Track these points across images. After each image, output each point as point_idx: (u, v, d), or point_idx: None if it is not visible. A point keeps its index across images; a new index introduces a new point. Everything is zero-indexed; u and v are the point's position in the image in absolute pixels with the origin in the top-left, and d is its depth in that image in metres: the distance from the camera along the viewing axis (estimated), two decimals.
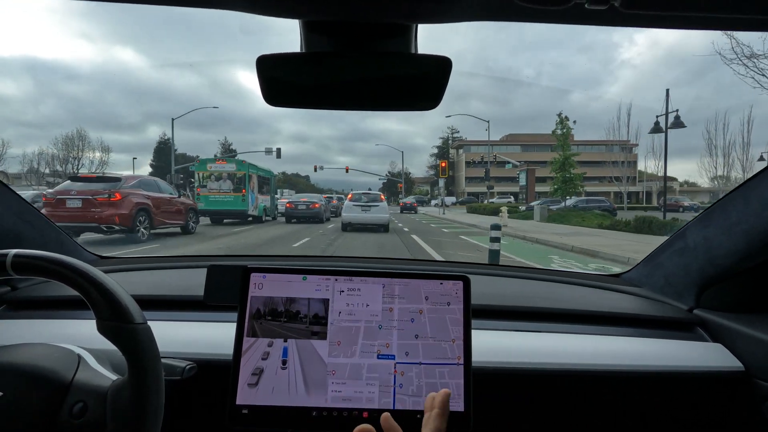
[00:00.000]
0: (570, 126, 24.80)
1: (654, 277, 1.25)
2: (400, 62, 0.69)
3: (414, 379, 0.70)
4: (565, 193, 23.07)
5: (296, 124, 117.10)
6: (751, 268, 0.98)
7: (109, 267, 1.38)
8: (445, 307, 0.73)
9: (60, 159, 36.19)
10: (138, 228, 9.81)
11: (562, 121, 24.51)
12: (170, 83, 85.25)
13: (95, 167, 36.67)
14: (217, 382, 0.80)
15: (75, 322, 0.98)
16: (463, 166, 60.08)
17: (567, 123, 24.47)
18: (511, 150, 56.49)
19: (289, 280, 0.73)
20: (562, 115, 25.19)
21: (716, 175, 26.02)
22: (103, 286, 0.60)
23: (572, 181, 22.72)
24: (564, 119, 24.42)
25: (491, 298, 1.12)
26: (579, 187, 24.47)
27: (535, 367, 0.91)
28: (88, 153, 36.92)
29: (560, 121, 24.56)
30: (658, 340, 1.01)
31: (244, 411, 0.67)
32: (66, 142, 36.38)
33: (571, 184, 22.78)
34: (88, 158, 37.10)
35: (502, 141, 61.20)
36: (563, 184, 23.08)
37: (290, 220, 18.54)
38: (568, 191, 23.20)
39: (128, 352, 0.59)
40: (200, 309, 1.02)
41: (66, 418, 0.59)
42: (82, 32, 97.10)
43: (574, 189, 23.53)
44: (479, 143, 66.28)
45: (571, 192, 23.51)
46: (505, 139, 59.47)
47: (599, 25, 0.53)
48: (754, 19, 0.49)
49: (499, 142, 37.10)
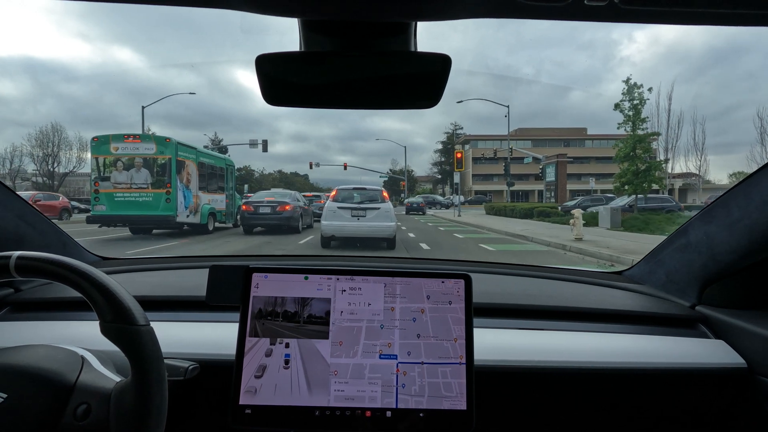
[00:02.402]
0: (644, 95, 16.49)
1: (656, 274, 1.24)
2: (400, 60, 0.69)
3: (416, 378, 0.70)
4: (637, 190, 16.47)
5: (296, 124, 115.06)
6: (754, 264, 0.97)
7: (112, 268, 1.37)
8: (446, 306, 0.73)
9: (35, 157, 33.40)
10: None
11: (631, 88, 16.43)
12: (169, 83, 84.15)
13: (73, 165, 34.06)
14: (220, 382, 0.81)
15: (78, 324, 0.98)
16: (470, 162, 56.91)
17: (640, 90, 16.37)
18: (522, 145, 52.22)
19: (291, 279, 0.73)
20: (630, 80, 16.42)
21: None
22: (105, 288, 0.60)
23: (648, 174, 16.19)
24: (634, 85, 16.37)
25: (492, 296, 1.12)
26: (658, 181, 17.13)
27: (538, 365, 0.91)
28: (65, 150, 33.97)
29: (628, 89, 16.52)
30: (661, 337, 1.01)
31: (247, 411, 0.67)
32: (39, 138, 32.83)
33: (646, 177, 16.28)
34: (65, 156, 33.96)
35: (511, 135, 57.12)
36: (635, 177, 16.08)
37: (251, 229, 12.61)
38: (641, 187, 16.21)
39: (131, 354, 0.59)
40: (203, 309, 1.02)
41: (70, 419, 0.60)
42: (80, 32, 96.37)
43: (649, 185, 16.39)
44: (487, 138, 62.63)
45: (646, 188, 16.95)
46: (514, 134, 55.31)
47: (599, 22, 0.53)
48: (755, 14, 0.49)
49: (508, 137, 31.94)
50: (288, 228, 12.38)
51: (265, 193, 14.03)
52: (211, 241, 11.40)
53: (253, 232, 12.80)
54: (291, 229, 12.47)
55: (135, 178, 11.46)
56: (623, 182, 16.53)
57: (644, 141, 16.29)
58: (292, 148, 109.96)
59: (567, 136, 56.62)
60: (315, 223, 13.83)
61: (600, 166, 52.35)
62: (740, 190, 0.95)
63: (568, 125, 65.96)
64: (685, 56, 72.44)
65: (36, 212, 1.18)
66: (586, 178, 49.98)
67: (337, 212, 8.80)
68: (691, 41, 77.35)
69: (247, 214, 12.39)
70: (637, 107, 16.14)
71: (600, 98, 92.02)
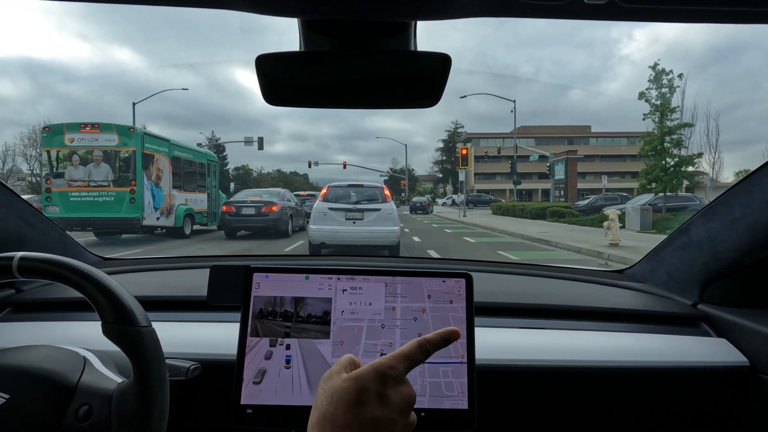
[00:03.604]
0: (675, 81, 14.76)
1: (657, 273, 1.23)
2: (400, 60, 0.69)
3: (417, 378, 0.69)
4: (667, 187, 14.59)
5: (296, 123, 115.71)
6: (756, 262, 0.96)
7: (113, 268, 1.36)
8: (447, 306, 0.73)
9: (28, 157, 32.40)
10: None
11: (658, 74, 14.66)
12: (169, 83, 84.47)
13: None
14: (221, 382, 0.80)
15: (80, 324, 0.98)
16: (472, 161, 54.94)
17: (669, 76, 14.57)
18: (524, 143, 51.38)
19: (292, 279, 0.73)
20: (658, 65, 14.70)
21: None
22: (107, 289, 0.60)
23: (679, 170, 14.31)
24: (662, 71, 14.60)
25: (493, 295, 1.11)
26: (690, 177, 15.37)
27: (539, 365, 0.90)
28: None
29: (655, 76, 14.74)
30: (663, 335, 1.00)
31: (248, 411, 0.67)
32: (32, 137, 31.26)
33: (677, 173, 14.42)
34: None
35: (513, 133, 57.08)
36: (664, 174, 14.32)
37: (233, 233, 11.08)
38: (671, 185, 14.35)
39: (133, 355, 0.59)
40: (204, 309, 1.01)
41: (72, 420, 0.59)
42: (80, 32, 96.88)
43: (679, 182, 14.51)
44: (488, 136, 61.79)
45: (676, 186, 15.10)
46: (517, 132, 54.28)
47: (599, 20, 0.52)
48: (755, 12, 0.48)
49: (511, 135, 31.01)
50: (276, 231, 10.84)
51: (250, 192, 12.41)
52: (184, 248, 9.85)
53: (236, 236, 11.26)
54: (279, 232, 10.93)
55: (94, 174, 9.73)
56: (650, 179, 14.77)
57: (674, 133, 14.53)
58: (292, 148, 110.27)
59: (571, 134, 55.57)
60: (306, 224, 12.30)
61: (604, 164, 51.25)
62: (742, 188, 0.94)
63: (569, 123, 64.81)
64: (686, 55, 72.92)
65: (37, 213, 1.18)
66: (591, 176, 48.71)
67: (329, 214, 7.23)
68: (691, 40, 77.50)
69: (229, 216, 10.80)
70: (665, 96, 14.40)
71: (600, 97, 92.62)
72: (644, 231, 11.87)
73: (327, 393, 0.48)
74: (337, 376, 0.50)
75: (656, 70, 14.73)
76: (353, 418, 0.46)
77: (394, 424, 0.48)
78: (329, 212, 7.22)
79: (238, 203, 10.90)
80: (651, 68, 14.72)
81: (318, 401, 0.49)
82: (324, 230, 7.21)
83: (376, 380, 0.48)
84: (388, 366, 0.49)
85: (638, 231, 11.95)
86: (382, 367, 0.49)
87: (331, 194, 7.51)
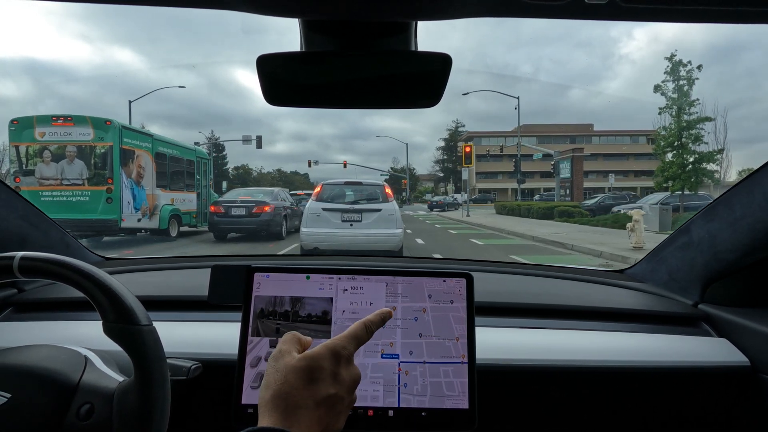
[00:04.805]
0: (694, 73, 13.65)
1: (658, 273, 1.23)
2: (401, 60, 0.69)
3: (418, 378, 0.69)
4: (685, 185, 13.71)
5: (297, 123, 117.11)
6: (756, 262, 0.96)
7: (114, 268, 1.36)
8: (448, 305, 0.72)
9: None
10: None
11: (675, 66, 13.70)
12: (169, 83, 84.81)
13: None
14: (222, 382, 0.80)
15: (81, 324, 0.98)
16: (473, 160, 54.45)
17: (687, 68, 13.57)
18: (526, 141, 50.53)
19: (293, 279, 0.73)
20: (675, 56, 13.61)
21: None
22: (108, 289, 0.60)
23: (699, 167, 13.53)
24: (679, 63, 13.63)
25: (494, 295, 1.11)
26: (710, 175, 14.24)
27: (540, 364, 0.90)
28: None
29: (672, 68, 13.76)
30: (663, 335, 1.00)
31: (249, 410, 0.67)
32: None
33: (696, 171, 13.33)
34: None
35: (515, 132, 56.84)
36: (682, 171, 13.47)
37: (222, 235, 10.31)
38: (690, 183, 13.51)
39: (134, 354, 0.59)
40: (205, 309, 1.01)
41: (73, 419, 0.59)
42: (81, 33, 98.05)
43: (698, 179, 13.62)
44: (489, 135, 61.21)
45: (695, 184, 14.25)
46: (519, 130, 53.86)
47: (599, 20, 0.52)
48: (756, 12, 0.48)
49: (513, 133, 30.53)
50: (268, 233, 10.06)
51: (241, 191, 11.63)
52: (166, 251, 9.06)
53: (226, 238, 10.48)
54: (272, 234, 10.14)
55: (67, 171, 8.81)
56: (667, 177, 13.91)
57: (693, 128, 13.67)
58: (293, 148, 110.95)
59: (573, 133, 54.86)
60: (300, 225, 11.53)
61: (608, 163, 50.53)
62: (742, 188, 0.95)
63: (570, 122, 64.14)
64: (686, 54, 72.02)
65: (39, 213, 1.18)
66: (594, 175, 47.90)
67: (323, 216, 6.42)
68: (691, 39, 77.29)
69: (217, 217, 10.01)
70: (683, 88, 13.53)
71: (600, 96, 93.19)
72: (663, 232, 11.01)
73: (280, 372, 0.50)
74: (288, 356, 0.51)
75: (673, 61, 13.85)
76: (308, 395, 0.48)
77: (343, 401, 0.50)
78: (323, 213, 6.43)
79: (227, 203, 10.11)
80: (668, 59, 13.82)
81: (269, 380, 0.50)
82: (317, 234, 6.42)
83: (331, 359, 0.50)
84: (341, 346, 0.52)
85: (657, 232, 11.14)
86: (336, 347, 0.51)
87: (326, 193, 6.71)
